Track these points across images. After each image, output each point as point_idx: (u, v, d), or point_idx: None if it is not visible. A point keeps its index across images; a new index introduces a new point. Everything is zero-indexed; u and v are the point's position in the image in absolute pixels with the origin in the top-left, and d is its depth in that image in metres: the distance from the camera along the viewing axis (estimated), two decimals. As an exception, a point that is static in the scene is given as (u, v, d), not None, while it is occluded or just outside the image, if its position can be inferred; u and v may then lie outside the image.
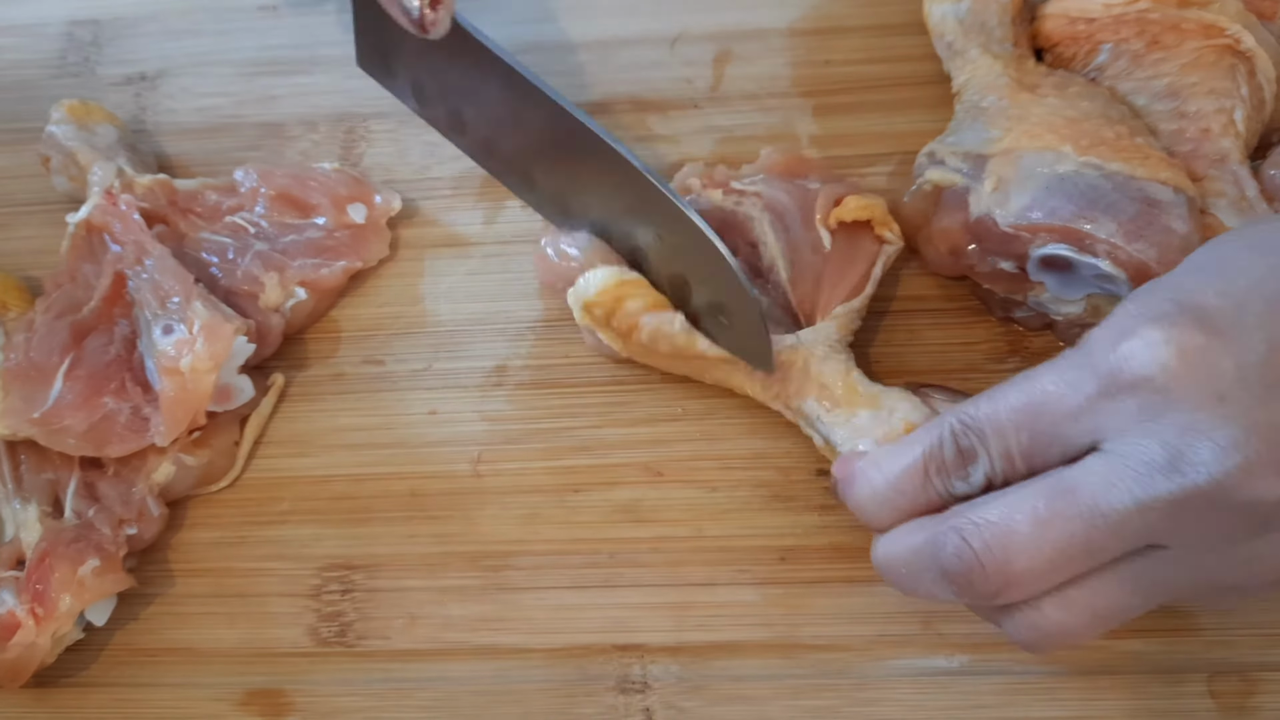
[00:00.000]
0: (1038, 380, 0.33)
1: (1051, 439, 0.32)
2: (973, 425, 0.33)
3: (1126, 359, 0.31)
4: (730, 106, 0.49)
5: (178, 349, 0.41)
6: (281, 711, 0.40)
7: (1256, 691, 0.38)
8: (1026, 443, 0.33)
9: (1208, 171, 0.42)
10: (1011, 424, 0.33)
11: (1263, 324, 0.30)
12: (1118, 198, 0.39)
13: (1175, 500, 0.30)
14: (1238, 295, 0.31)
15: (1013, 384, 0.33)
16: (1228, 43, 0.43)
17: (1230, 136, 0.42)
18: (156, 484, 0.43)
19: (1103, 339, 0.32)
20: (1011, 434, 0.33)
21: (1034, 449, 0.33)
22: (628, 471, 0.42)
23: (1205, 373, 0.30)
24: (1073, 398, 0.32)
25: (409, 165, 0.49)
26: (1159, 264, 0.38)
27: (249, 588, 0.42)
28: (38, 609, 0.39)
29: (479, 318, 0.46)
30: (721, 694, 0.39)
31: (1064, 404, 0.32)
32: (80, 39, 0.54)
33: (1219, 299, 0.31)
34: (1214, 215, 0.41)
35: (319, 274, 0.46)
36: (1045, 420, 0.32)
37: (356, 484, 0.44)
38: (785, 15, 0.50)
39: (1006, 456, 0.33)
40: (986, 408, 0.33)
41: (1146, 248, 0.38)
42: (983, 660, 0.39)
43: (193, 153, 0.51)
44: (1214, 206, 0.41)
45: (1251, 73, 0.43)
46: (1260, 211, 0.41)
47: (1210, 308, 0.31)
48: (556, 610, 0.41)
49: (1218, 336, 0.30)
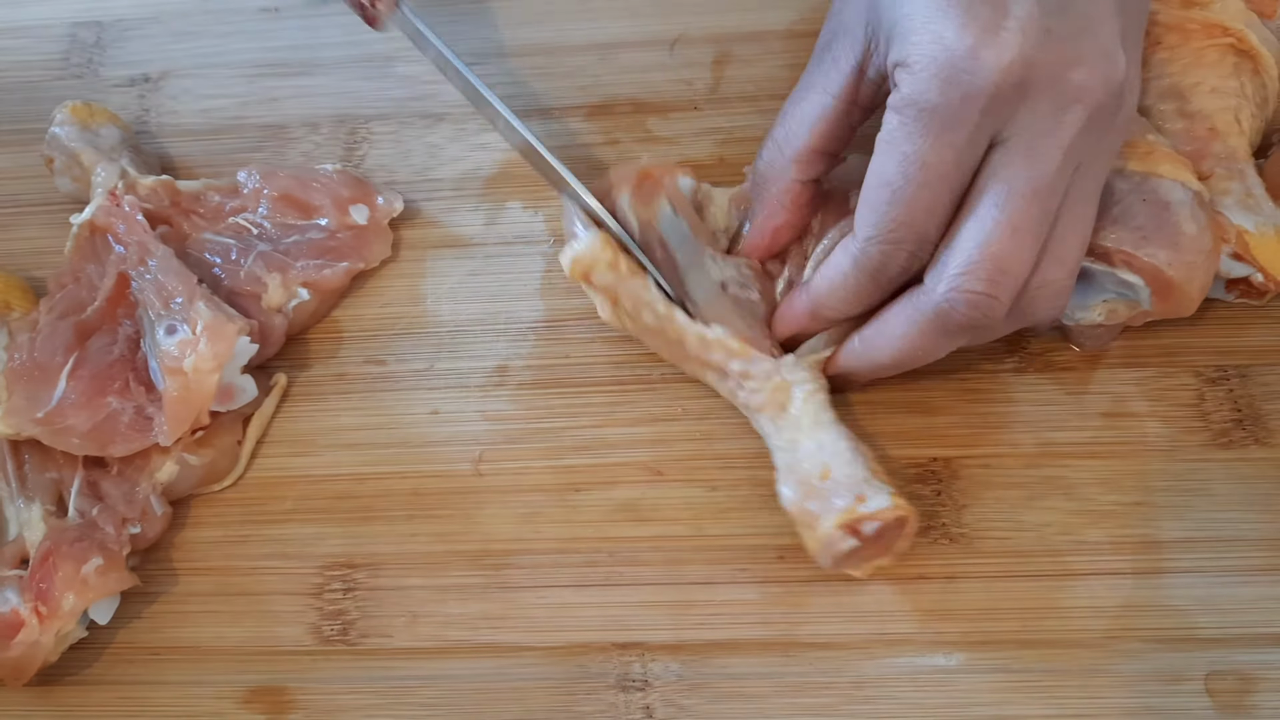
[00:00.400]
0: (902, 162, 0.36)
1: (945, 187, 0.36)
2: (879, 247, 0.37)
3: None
4: (730, 108, 0.49)
5: (181, 349, 0.42)
6: (284, 709, 0.41)
7: (1253, 690, 0.38)
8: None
9: (1214, 170, 0.42)
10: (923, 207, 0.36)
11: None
12: (1131, 202, 0.39)
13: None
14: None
15: (884, 180, 0.36)
16: (1231, 42, 0.43)
17: (1235, 135, 0.42)
18: (160, 483, 0.43)
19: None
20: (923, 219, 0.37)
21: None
22: (628, 471, 0.42)
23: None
24: (946, 152, 0.35)
25: (410, 166, 0.49)
26: (1170, 265, 0.38)
27: (252, 586, 0.43)
28: (41, 607, 0.40)
29: (480, 318, 0.46)
30: (721, 691, 0.39)
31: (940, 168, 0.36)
32: (83, 40, 0.54)
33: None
34: (1222, 214, 0.41)
35: (321, 275, 0.46)
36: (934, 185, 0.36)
37: (358, 483, 0.44)
38: (784, 17, 0.51)
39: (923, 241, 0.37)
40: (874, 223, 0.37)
41: (1157, 250, 0.39)
42: (980, 658, 0.39)
43: (195, 154, 0.51)
44: (1221, 204, 0.41)
45: (1255, 71, 0.43)
46: (1267, 208, 0.41)
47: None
48: (557, 608, 0.41)
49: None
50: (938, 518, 0.41)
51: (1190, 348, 0.43)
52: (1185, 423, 0.42)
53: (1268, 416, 0.42)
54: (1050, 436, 0.42)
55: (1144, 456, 0.41)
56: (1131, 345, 0.43)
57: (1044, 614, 0.39)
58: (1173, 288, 0.39)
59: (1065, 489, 0.41)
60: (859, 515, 0.37)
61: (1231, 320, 0.43)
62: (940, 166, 0.35)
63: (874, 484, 0.38)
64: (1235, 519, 0.40)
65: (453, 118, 0.50)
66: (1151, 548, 0.40)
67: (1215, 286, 0.43)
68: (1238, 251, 0.40)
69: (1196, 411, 0.42)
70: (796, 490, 0.39)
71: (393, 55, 0.52)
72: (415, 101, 0.51)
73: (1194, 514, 0.40)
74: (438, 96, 0.51)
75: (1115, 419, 0.42)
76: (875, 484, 0.38)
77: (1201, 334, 0.43)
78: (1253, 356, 0.43)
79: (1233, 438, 0.42)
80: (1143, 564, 0.40)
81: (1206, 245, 0.39)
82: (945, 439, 0.42)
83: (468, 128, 0.50)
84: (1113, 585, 0.40)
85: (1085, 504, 0.41)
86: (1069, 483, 0.41)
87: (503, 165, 0.49)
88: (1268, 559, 0.40)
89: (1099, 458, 0.41)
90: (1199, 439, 0.42)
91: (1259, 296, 0.42)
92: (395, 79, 0.51)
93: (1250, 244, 0.40)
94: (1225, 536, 0.40)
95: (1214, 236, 0.40)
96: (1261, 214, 0.41)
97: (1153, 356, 0.43)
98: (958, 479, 0.42)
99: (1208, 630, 0.39)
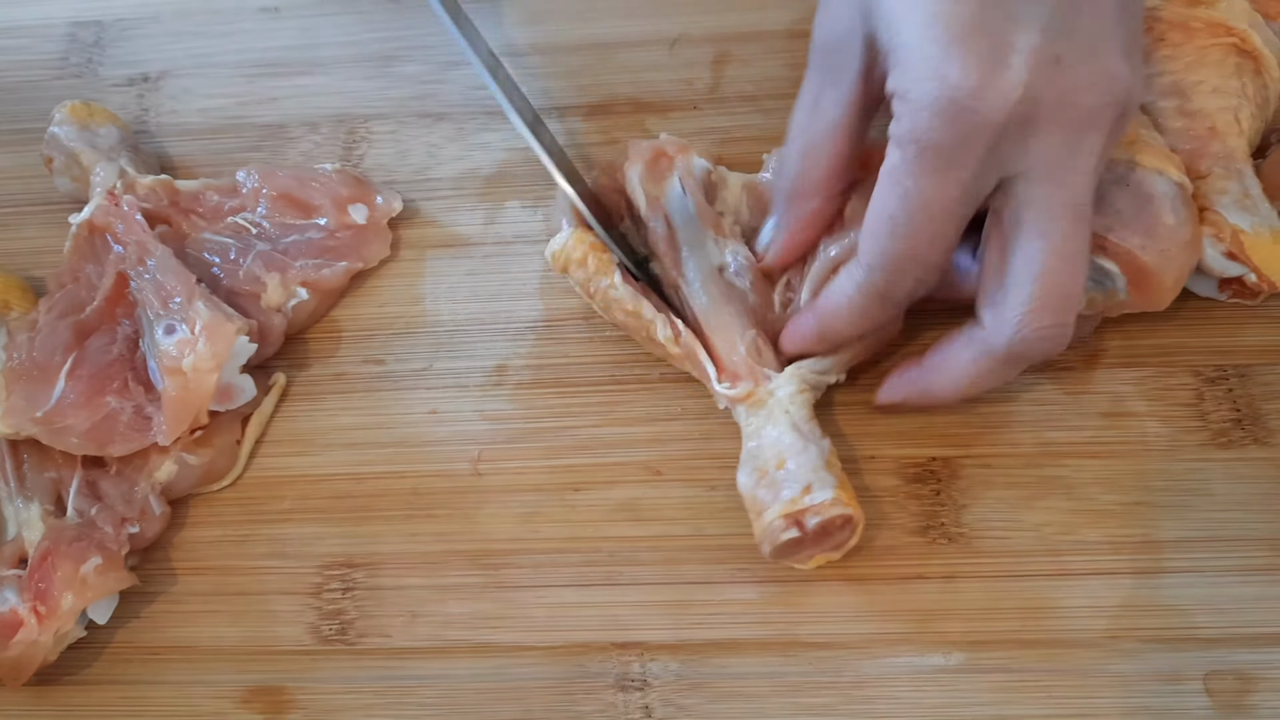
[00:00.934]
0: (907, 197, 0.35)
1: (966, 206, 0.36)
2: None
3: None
4: (729, 108, 0.49)
5: (180, 349, 0.42)
6: (283, 709, 0.41)
7: (1252, 690, 0.38)
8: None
9: (1212, 169, 0.42)
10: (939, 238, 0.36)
11: None
12: (1112, 189, 0.39)
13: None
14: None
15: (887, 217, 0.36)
16: (1234, 42, 0.43)
17: (1235, 135, 0.42)
18: (159, 482, 0.43)
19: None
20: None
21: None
22: (627, 470, 0.42)
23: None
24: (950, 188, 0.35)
25: (409, 166, 0.49)
26: (1144, 250, 0.39)
27: (250, 586, 0.43)
28: (40, 607, 0.40)
29: (479, 317, 0.46)
30: (720, 691, 0.39)
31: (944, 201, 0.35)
32: (83, 40, 0.54)
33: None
34: (1217, 213, 0.41)
35: (320, 274, 0.46)
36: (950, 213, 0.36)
37: (357, 483, 0.44)
38: (784, 17, 0.51)
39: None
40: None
41: (1133, 236, 0.39)
42: (980, 658, 0.39)
43: (195, 153, 0.51)
44: (1217, 204, 0.41)
45: (1257, 71, 0.43)
46: (1263, 209, 0.41)
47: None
48: (556, 608, 0.41)
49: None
50: (937, 517, 0.41)
51: (1189, 347, 0.43)
52: (1184, 422, 0.42)
53: (1267, 416, 0.42)
54: (1049, 436, 0.42)
55: (1143, 456, 0.41)
56: (1130, 345, 0.43)
57: (1043, 614, 0.39)
58: (1148, 275, 0.39)
59: (1064, 489, 0.41)
60: (801, 507, 0.37)
61: (1230, 320, 0.43)
62: (944, 201, 0.35)
63: (823, 477, 0.38)
64: (1234, 518, 0.40)
65: (452, 117, 0.50)
66: (1151, 547, 0.40)
67: (1208, 286, 0.43)
68: (1231, 250, 0.41)
69: (1195, 411, 0.42)
70: (751, 477, 0.39)
71: (392, 55, 0.52)
72: (414, 101, 0.51)
73: (1193, 514, 0.40)
74: (437, 96, 0.51)
75: (1114, 419, 0.42)
76: (825, 477, 0.38)
77: (1201, 333, 0.43)
78: (1252, 356, 0.43)
79: (1232, 437, 0.42)
80: (1142, 564, 0.40)
81: (1185, 237, 0.39)
82: (945, 439, 0.42)
83: (467, 127, 0.50)
84: (1112, 585, 0.40)
85: (1084, 504, 0.41)
86: (1068, 482, 0.41)
87: (501, 165, 0.49)
88: (1267, 559, 0.40)
89: (1098, 457, 0.41)
90: (1198, 439, 0.42)
91: (1252, 297, 0.42)
92: (394, 79, 0.51)
93: (1245, 243, 0.40)
94: (1224, 536, 0.40)
95: (1194, 231, 0.40)
96: (1258, 214, 0.41)
97: (1152, 356, 0.43)
98: (957, 479, 0.42)
99: (1207, 630, 0.39)
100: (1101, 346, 0.43)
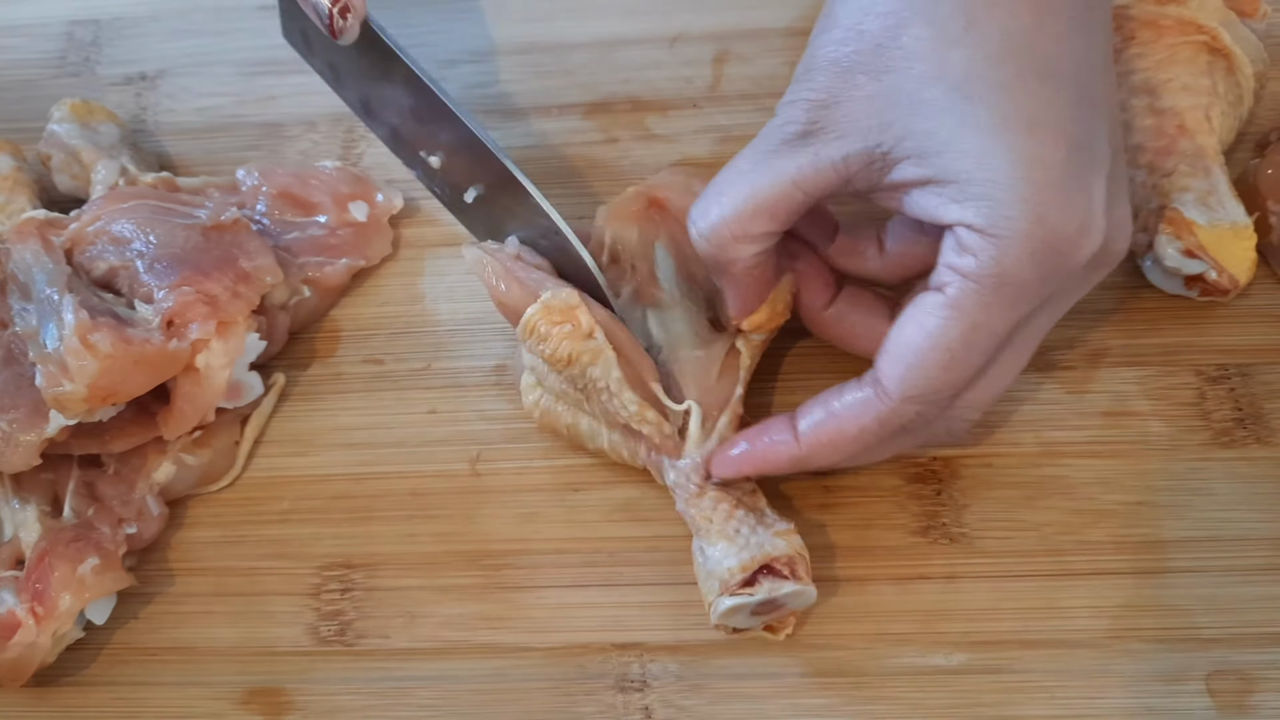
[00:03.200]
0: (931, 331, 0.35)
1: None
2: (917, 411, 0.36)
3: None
4: (729, 106, 0.49)
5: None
6: (281, 710, 0.40)
7: (1255, 690, 0.38)
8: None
9: (1178, 166, 0.42)
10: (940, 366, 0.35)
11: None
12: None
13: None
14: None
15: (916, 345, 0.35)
16: (1205, 40, 0.43)
17: (1204, 133, 0.42)
18: (157, 483, 0.43)
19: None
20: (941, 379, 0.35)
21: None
22: (627, 471, 0.42)
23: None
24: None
25: (409, 165, 0.49)
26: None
27: (249, 586, 0.42)
28: (38, 608, 0.39)
29: (478, 317, 0.46)
30: (720, 692, 0.39)
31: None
32: (80, 39, 0.54)
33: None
34: (1176, 210, 0.41)
35: (323, 271, 0.46)
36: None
37: (356, 483, 0.44)
38: (784, 15, 0.50)
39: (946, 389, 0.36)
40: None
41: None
42: (981, 658, 0.39)
43: (193, 152, 0.51)
44: (1177, 200, 0.41)
45: (1229, 70, 0.43)
46: (1229, 207, 0.41)
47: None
48: (556, 609, 0.41)
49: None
50: (938, 517, 0.41)
51: (1191, 346, 0.43)
52: (1186, 422, 0.42)
53: (1269, 415, 0.42)
54: (1051, 435, 0.42)
55: (1145, 456, 0.41)
56: (1132, 344, 0.43)
57: (1045, 614, 0.39)
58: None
59: (1066, 488, 0.41)
60: (720, 610, 0.37)
61: (1232, 319, 0.43)
62: (1005, 334, 0.35)
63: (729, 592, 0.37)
64: (1237, 518, 0.40)
65: (451, 116, 0.50)
66: (1153, 547, 0.40)
67: (1176, 284, 0.43)
68: (1188, 248, 0.40)
69: (1197, 410, 0.42)
70: (699, 571, 0.39)
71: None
72: (413, 100, 0.51)
73: (1195, 513, 0.40)
74: (436, 95, 0.50)
75: (1116, 418, 0.42)
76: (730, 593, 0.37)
77: (1202, 332, 0.43)
78: (1254, 355, 0.43)
79: (1234, 437, 0.41)
80: (1144, 564, 0.40)
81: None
82: (945, 438, 0.42)
83: (466, 126, 0.50)
84: (1114, 585, 0.39)
85: (1086, 503, 0.41)
86: (1070, 482, 0.41)
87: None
88: (1269, 558, 0.39)
89: (1100, 457, 0.41)
90: (1200, 438, 0.42)
91: (1222, 294, 0.42)
92: (393, 77, 0.51)
93: (1200, 238, 0.40)
94: (1227, 536, 0.40)
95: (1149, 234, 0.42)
96: (1220, 211, 0.41)
97: (1153, 355, 0.43)
98: (958, 478, 0.42)
99: (1209, 630, 0.39)
100: (1103, 345, 0.43)
